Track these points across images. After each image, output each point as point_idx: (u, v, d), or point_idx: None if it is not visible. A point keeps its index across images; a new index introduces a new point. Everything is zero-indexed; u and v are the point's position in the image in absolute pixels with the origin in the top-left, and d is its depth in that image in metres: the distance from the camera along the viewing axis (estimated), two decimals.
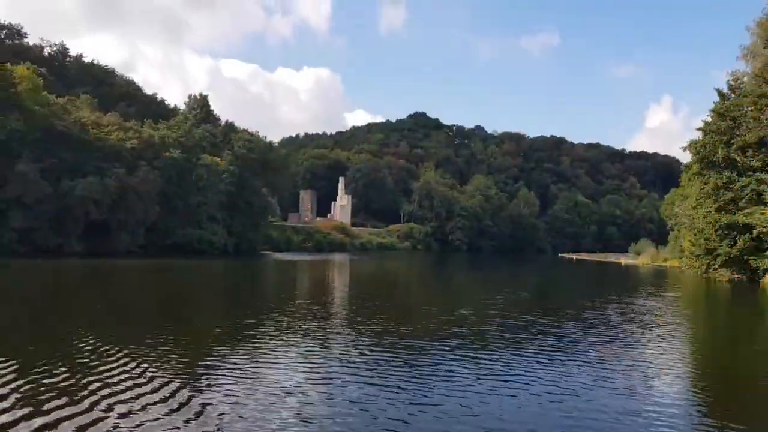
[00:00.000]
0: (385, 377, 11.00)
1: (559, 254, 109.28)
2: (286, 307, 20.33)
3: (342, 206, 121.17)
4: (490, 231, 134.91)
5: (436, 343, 14.36)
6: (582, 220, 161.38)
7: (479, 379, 11.17)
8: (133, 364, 11.26)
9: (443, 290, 32.30)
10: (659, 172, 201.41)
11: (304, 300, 23.07)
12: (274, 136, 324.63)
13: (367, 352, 13.17)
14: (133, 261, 45.51)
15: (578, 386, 10.85)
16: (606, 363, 12.88)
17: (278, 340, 14.13)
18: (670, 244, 73.49)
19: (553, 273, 56.83)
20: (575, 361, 13.01)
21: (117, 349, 12.47)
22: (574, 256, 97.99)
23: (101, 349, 12.46)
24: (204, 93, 76.38)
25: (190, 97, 76.50)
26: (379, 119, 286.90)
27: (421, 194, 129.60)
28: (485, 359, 12.87)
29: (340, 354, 12.91)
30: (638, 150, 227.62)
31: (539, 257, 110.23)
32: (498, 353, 13.55)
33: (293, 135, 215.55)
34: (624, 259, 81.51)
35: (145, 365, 11.24)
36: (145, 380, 10.30)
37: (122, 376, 10.46)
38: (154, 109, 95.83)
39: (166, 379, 10.39)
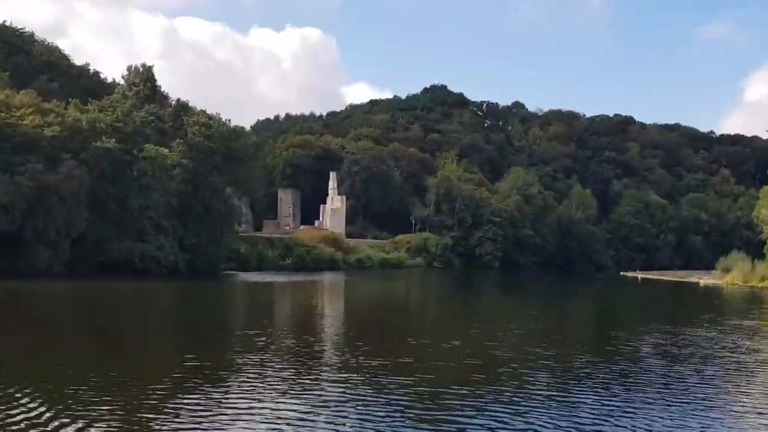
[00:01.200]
0: None
1: (621, 273, 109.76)
2: (244, 347, 21.56)
3: (334, 210, 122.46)
4: (532, 242, 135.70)
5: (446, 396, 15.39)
6: (655, 227, 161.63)
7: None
8: (48, 414, 12.11)
9: (459, 324, 33.33)
10: (760, 161, 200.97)
11: (268, 337, 24.20)
12: (248, 119, 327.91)
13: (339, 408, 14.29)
14: (54, 284, 46.90)
15: None
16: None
17: (229, 390, 15.27)
18: (767, 258, 74.11)
19: (602, 297, 57.78)
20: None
21: (28, 394, 13.46)
22: (639, 275, 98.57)
23: (6, 391, 13.57)
24: (148, 63, 77.70)
25: (129, 68, 78.18)
26: (386, 95, 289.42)
27: (438, 194, 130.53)
28: (497, 409, 13.88)
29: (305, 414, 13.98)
30: (732, 132, 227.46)
31: (596, 276, 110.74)
32: (508, 402, 14.60)
33: (271, 117, 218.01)
34: (705, 279, 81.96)
35: (61, 416, 12.10)
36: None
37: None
38: (84, 84, 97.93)
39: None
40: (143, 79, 76.55)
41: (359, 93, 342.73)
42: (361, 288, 59.34)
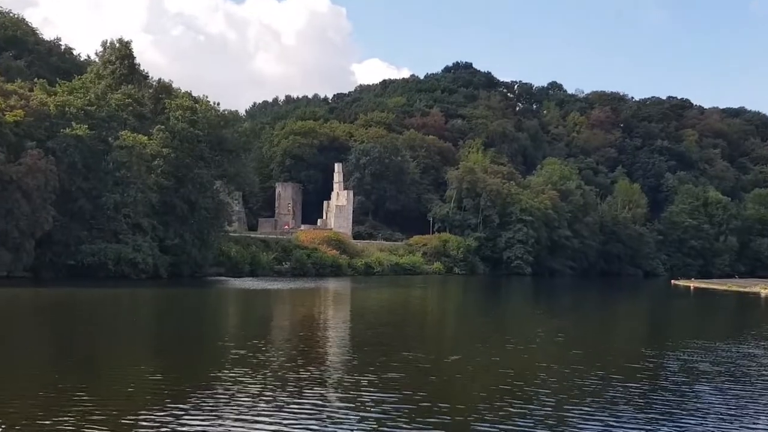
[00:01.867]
0: None
1: (673, 281, 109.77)
2: (216, 362, 22.28)
3: (339, 208, 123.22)
4: (569, 245, 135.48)
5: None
6: (715, 228, 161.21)
7: None
8: None
9: (471, 339, 33.88)
10: None
11: (248, 351, 24.86)
12: (244, 102, 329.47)
13: None
14: (16, 290, 47.94)
15: None
16: None
17: (191, 410, 15.89)
18: None
19: (643, 310, 58.15)
20: None
21: None
22: (692, 284, 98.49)
23: None
24: (128, 38, 78.68)
25: (104, 44, 79.32)
26: (403, 73, 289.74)
27: (460, 188, 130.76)
28: None
29: None
30: None
31: (643, 285, 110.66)
32: None
33: (269, 99, 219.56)
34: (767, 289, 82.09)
35: None
36: None
37: None
38: (55, 62, 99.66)
39: None
40: (120, 56, 77.52)
41: (372, 71, 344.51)
42: (365, 297, 59.85)
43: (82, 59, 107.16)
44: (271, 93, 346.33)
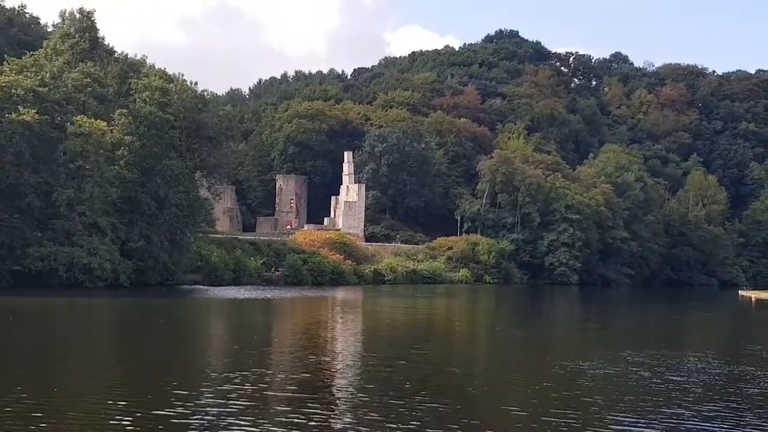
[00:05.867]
0: None
1: (740, 292, 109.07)
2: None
3: (349, 204, 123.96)
4: (626, 249, 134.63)
5: None
6: None
7: None
8: None
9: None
10: None
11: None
12: (251, 78, 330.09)
13: None
14: None
15: None
16: None
17: None
18: None
19: (693, 327, 58.20)
20: None
21: None
22: (753, 295, 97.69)
23: None
24: (86, 8, 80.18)
25: (63, 14, 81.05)
26: (447, 41, 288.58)
27: (494, 181, 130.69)
28: None
29: None
30: None
31: (711, 297, 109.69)
32: None
33: (277, 76, 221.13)
34: None
35: None
36: None
37: None
38: (14, 34, 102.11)
39: None
40: (80, 28, 79.00)
41: (410, 40, 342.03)
42: (369, 310, 60.05)
43: (49, 30, 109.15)
44: (289, 67, 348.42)
